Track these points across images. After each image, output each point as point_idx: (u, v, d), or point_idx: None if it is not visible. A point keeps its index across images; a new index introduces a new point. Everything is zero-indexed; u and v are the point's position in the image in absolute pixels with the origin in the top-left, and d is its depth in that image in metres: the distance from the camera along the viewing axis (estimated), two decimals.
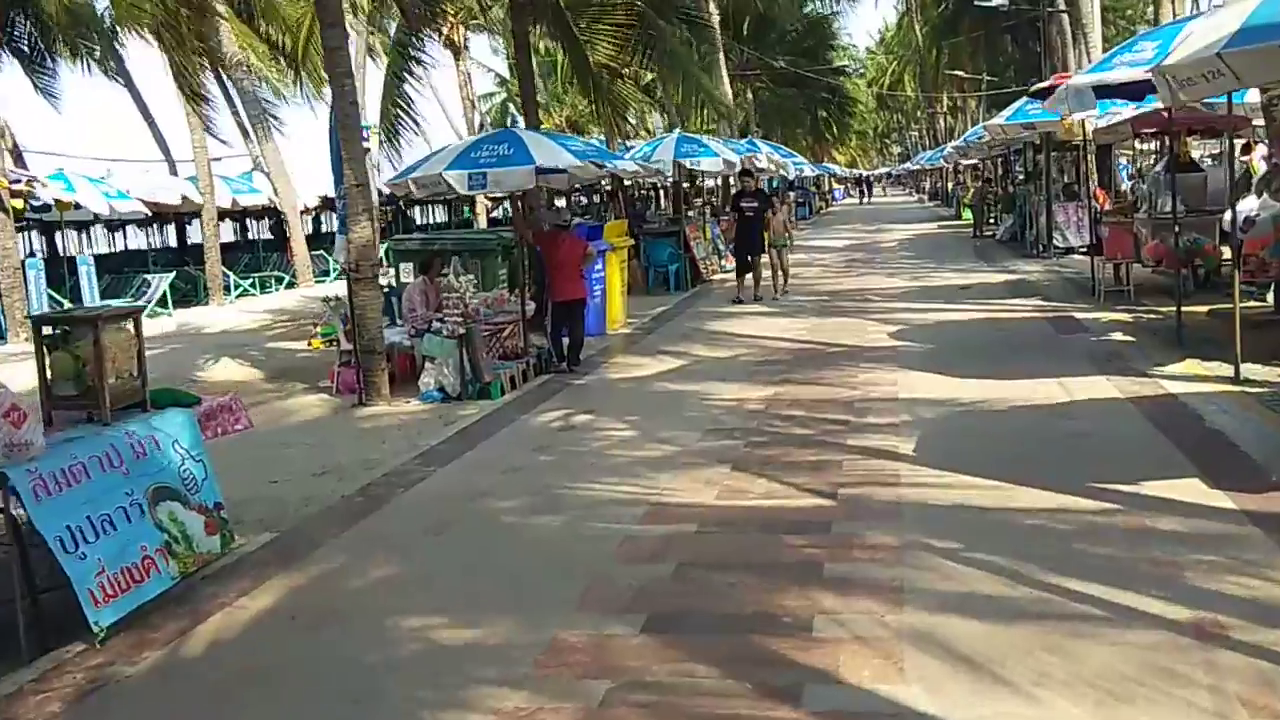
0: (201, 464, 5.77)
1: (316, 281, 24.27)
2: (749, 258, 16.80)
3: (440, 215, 37.42)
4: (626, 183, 22.36)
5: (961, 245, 26.55)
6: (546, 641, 4.47)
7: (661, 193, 29.53)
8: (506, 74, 51.91)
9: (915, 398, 8.84)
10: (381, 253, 11.81)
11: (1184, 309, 11.93)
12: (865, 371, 10.24)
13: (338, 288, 16.14)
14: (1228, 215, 11.87)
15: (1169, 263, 11.15)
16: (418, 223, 36.25)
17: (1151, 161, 27.44)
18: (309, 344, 11.71)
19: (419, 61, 15.92)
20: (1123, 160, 26.09)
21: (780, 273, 17.47)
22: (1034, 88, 10.22)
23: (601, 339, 13.74)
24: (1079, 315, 12.85)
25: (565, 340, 11.43)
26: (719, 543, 5.70)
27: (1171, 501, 5.69)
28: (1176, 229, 10.55)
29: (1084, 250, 20.51)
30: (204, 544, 5.61)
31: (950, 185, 48.40)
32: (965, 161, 36.76)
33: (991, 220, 28.28)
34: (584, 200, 27.28)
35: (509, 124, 43.35)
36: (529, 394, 10.38)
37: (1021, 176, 27.56)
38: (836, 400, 9.03)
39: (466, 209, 33.87)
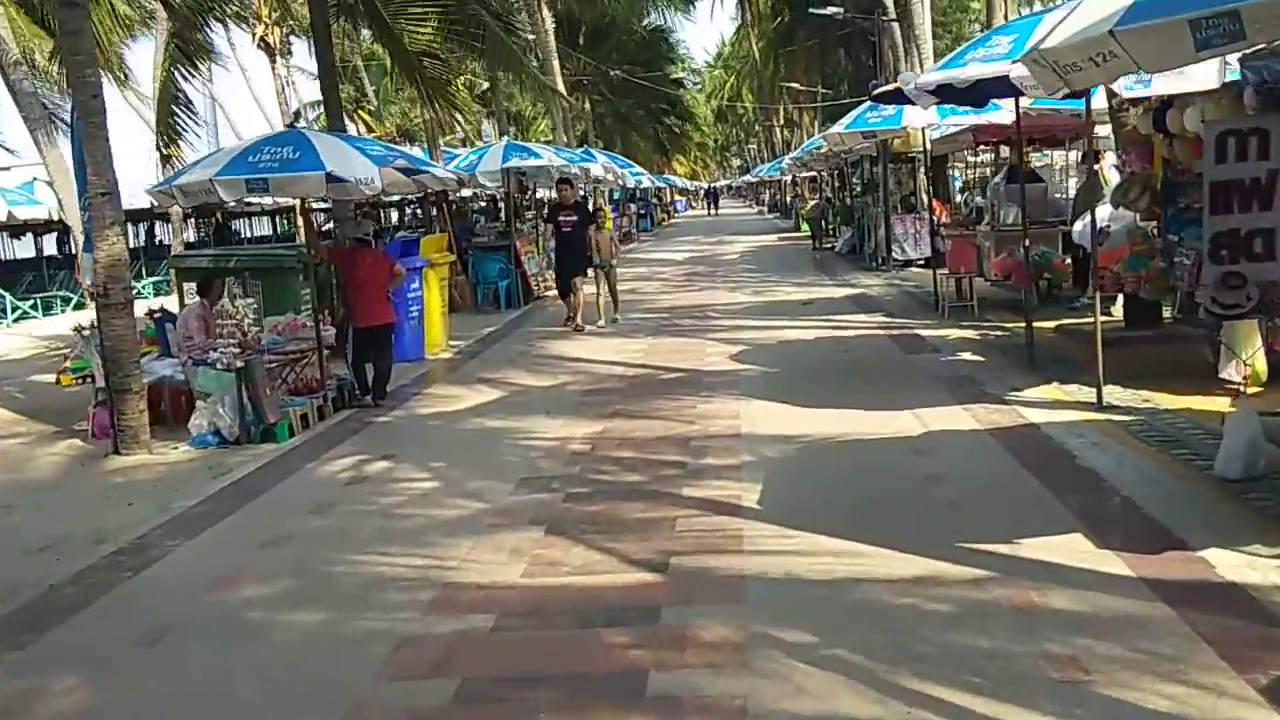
0: None
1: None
2: (569, 279, 14.53)
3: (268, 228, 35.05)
4: (453, 195, 21.01)
5: (802, 258, 26.16)
6: None
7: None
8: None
9: (758, 433, 7.87)
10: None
11: (1022, 325, 11.47)
12: (704, 401, 9.24)
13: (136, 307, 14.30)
14: (1077, 226, 11.44)
15: (1018, 278, 10.58)
16: (244, 237, 33.87)
17: (985, 174, 27.79)
18: (57, 380, 9.96)
19: (197, 61, 14.12)
20: (953, 173, 26.22)
21: (609, 297, 15.18)
22: (876, 90, 9.40)
23: (419, 365, 12.39)
24: (924, 333, 12.22)
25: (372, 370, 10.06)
26: (519, 644, 4.51)
27: (1056, 567, 4.81)
28: (1027, 243, 9.93)
29: (923, 263, 20.32)
30: None
31: (789, 197, 48.67)
32: (803, 174, 36.74)
33: (830, 233, 28.03)
34: (419, 213, 25.75)
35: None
36: (323, 435, 8.98)
37: (859, 188, 27.45)
38: (672, 437, 7.97)
39: (286, 222, 31.71)
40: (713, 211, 70.56)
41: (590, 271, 14.67)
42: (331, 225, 32.02)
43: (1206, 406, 7.58)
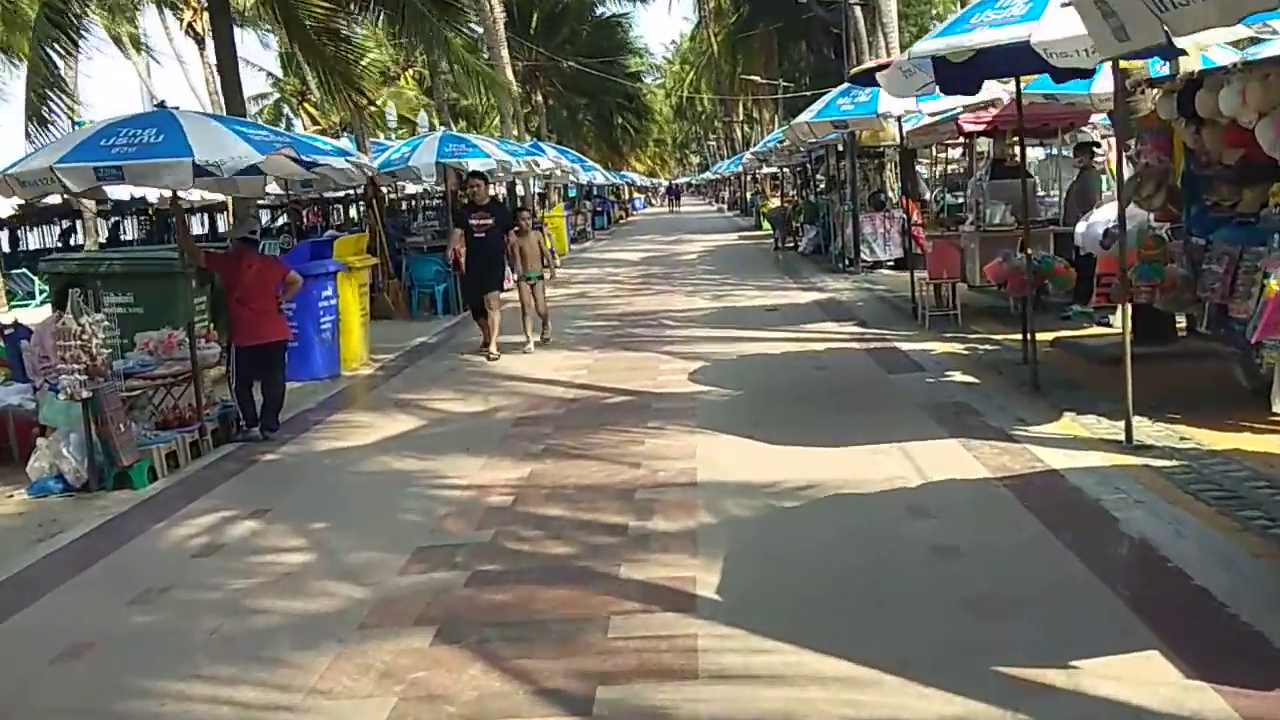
0: None
1: (14, 307, 20.12)
2: (481, 295, 11.93)
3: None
4: (386, 189, 19.41)
5: (764, 258, 24.82)
6: None
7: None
8: (279, 72, 47.71)
9: (718, 480, 6.42)
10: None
11: (1015, 338, 10.16)
12: (654, 434, 7.77)
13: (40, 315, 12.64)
14: (1080, 227, 10.11)
15: (1014, 285, 9.22)
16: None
17: (956, 170, 26.62)
18: None
19: (78, 34, 12.39)
20: (919, 167, 24.96)
21: (535, 317, 12.41)
22: (854, 71, 7.99)
23: (330, 384, 10.83)
24: (905, 346, 10.84)
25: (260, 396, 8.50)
26: None
27: (1140, 714, 3.40)
28: (1026, 248, 8.54)
29: (892, 264, 19.02)
30: None
31: (749, 194, 47.40)
32: (764, 169, 35.43)
33: (794, 232, 26.72)
34: (354, 212, 24.10)
35: (284, 128, 39.30)
36: (190, 480, 7.41)
37: (823, 185, 26.16)
38: (613, 486, 6.50)
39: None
40: (674, 209, 69.14)
41: (525, 285, 12.26)
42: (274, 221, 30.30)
43: (1261, 447, 6.26)
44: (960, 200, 21.62)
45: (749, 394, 9.09)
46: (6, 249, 22.54)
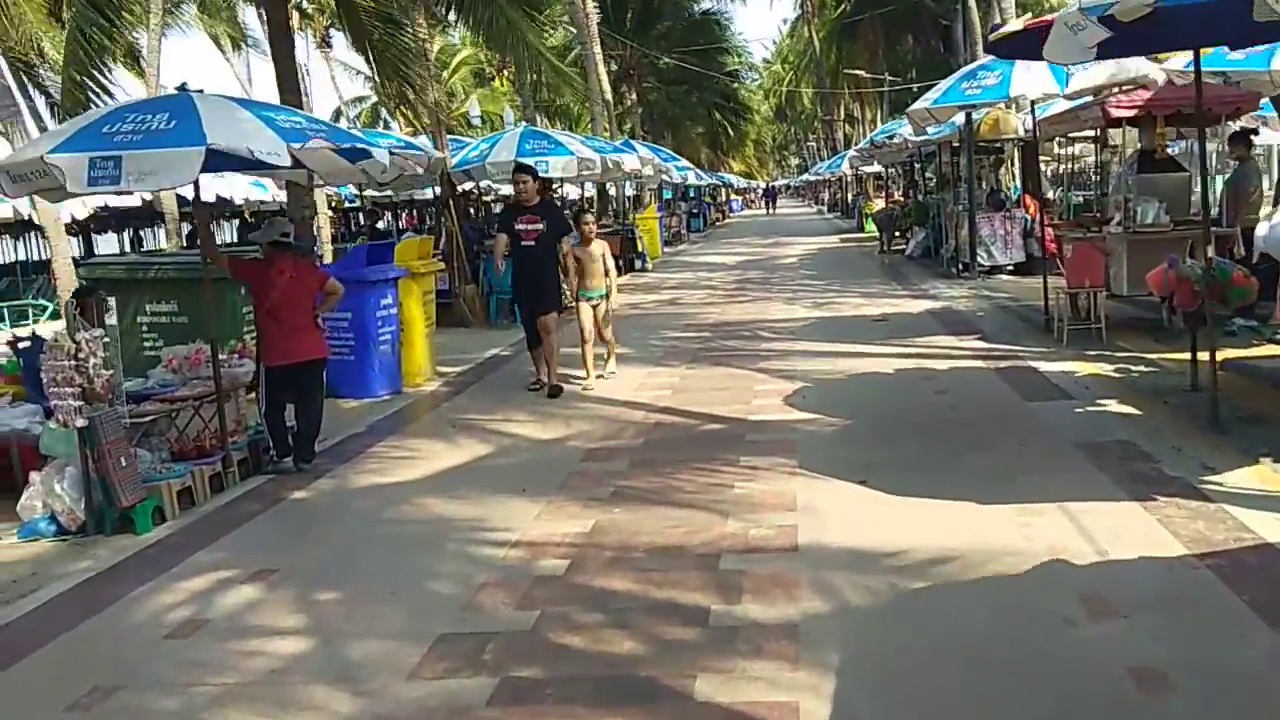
0: None
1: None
2: (536, 316, 9.64)
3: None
4: (467, 188, 18.45)
5: (868, 263, 23.21)
6: None
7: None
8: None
9: (825, 546, 5.10)
10: None
11: (1175, 358, 8.59)
12: (746, 476, 6.46)
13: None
14: (1261, 230, 8.49)
15: (1184, 298, 7.66)
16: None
17: (1082, 167, 24.67)
18: None
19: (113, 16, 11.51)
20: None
21: (598, 343, 10.17)
22: (996, 35, 6.55)
23: (389, 402, 9.78)
24: (1041, 366, 9.33)
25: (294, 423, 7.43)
26: None
27: None
28: (1210, 251, 6.98)
29: (1011, 269, 17.36)
30: None
31: (850, 195, 45.62)
32: (867, 169, 33.73)
33: (901, 234, 25.06)
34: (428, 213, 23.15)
35: (381, 130, 38.90)
36: (202, 523, 6.35)
37: (933, 183, 24.47)
38: (693, 550, 5.22)
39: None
40: (770, 211, 67.44)
41: (586, 305, 9.93)
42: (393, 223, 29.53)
43: None
44: (1081, 199, 19.84)
45: (858, 424, 7.71)
46: (79, 254, 22.12)
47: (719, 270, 23.27)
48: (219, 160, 6.37)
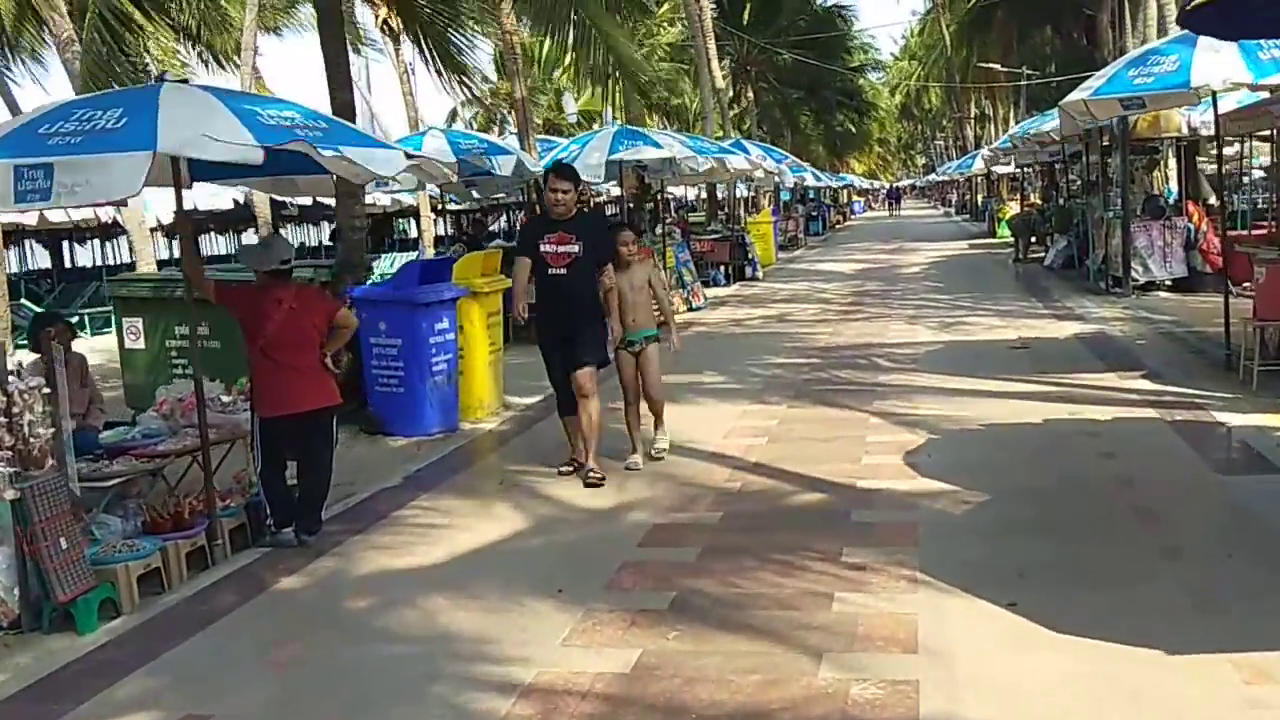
0: None
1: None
2: (570, 372, 7.05)
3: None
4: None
5: (1001, 273, 21.15)
6: None
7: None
8: (494, 75, 46.78)
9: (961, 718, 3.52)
10: None
11: None
12: (849, 584, 4.87)
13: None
14: None
15: None
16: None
17: (1241, 167, 22.09)
18: None
19: None
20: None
21: (643, 407, 7.49)
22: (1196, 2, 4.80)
23: (439, 444, 8.49)
24: (1228, 419, 7.48)
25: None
26: None
27: None
28: None
29: (1169, 285, 15.21)
30: None
31: (980, 197, 43.04)
32: (1001, 169, 31.36)
33: (1040, 241, 22.90)
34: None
35: (498, 134, 38.13)
36: (156, 622, 5.07)
37: (1077, 185, 22.25)
38: (767, 713, 3.69)
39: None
40: (894, 213, 64.79)
41: (627, 355, 7.32)
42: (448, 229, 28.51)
43: None
44: (1248, 206, 17.46)
45: (1001, 502, 6.03)
46: (166, 257, 21.59)
47: (835, 280, 21.49)
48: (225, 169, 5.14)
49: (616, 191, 16.19)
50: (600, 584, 5.09)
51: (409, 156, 5.81)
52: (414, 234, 29.31)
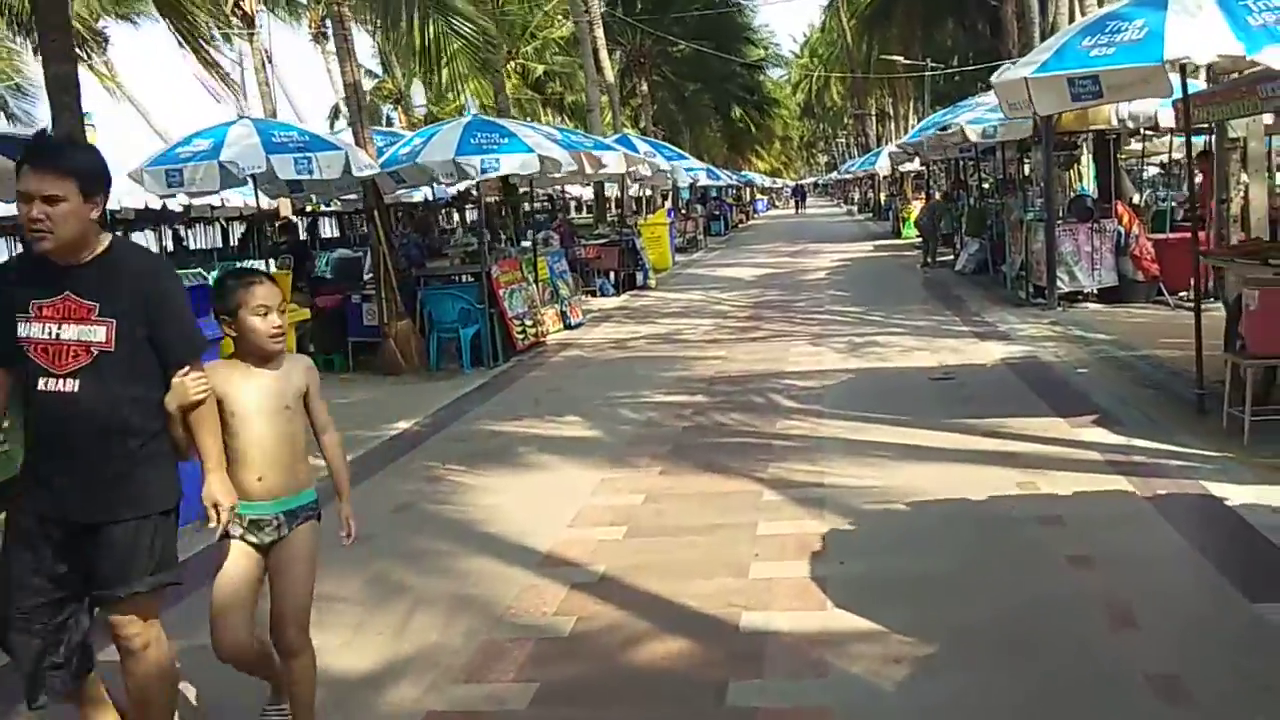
0: None
1: None
2: (89, 601, 3.29)
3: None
4: (421, 197, 14.91)
5: (911, 279, 19.51)
6: None
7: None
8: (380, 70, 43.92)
9: None
10: None
11: None
12: None
13: None
14: None
15: None
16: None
17: (1163, 163, 20.88)
18: None
19: None
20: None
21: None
22: None
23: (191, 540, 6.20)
24: (1224, 491, 5.67)
25: None
26: None
27: None
28: None
29: (1096, 296, 13.68)
30: None
31: (883, 196, 41.86)
32: (906, 167, 29.95)
33: (949, 242, 21.39)
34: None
35: (384, 124, 35.51)
36: None
37: (989, 185, 20.85)
38: None
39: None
40: (798, 211, 63.65)
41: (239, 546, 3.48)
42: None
43: None
44: (1173, 205, 16.07)
45: (946, 654, 4.06)
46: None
47: (733, 289, 19.60)
48: None
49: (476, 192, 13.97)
50: None
51: None
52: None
